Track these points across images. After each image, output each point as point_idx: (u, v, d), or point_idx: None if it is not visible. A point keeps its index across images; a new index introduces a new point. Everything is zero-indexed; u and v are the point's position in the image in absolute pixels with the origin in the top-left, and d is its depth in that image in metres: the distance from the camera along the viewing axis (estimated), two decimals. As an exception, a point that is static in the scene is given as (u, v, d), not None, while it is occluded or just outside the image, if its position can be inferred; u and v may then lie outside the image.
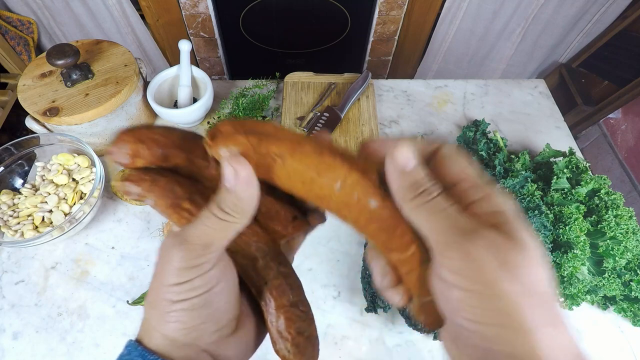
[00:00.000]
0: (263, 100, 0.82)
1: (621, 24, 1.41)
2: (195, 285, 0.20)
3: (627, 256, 0.57)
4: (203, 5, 1.42)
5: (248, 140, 0.21)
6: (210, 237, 0.21)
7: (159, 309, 0.21)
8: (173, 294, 0.21)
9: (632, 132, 1.38)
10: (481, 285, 0.17)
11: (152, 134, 0.22)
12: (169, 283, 0.21)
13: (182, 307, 0.21)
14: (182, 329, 0.21)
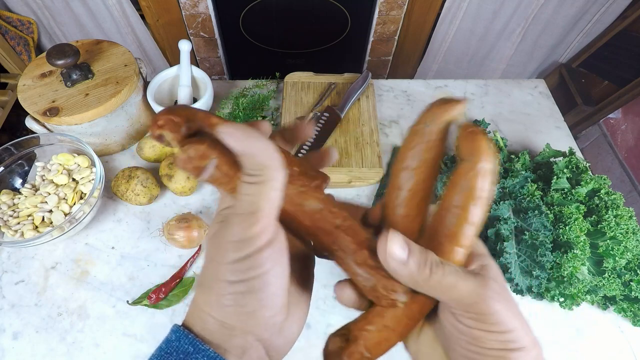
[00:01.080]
0: (263, 100, 0.82)
1: (621, 24, 1.41)
2: (252, 264, 0.20)
3: (627, 256, 0.57)
4: (203, 5, 1.42)
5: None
6: (254, 204, 0.20)
7: (214, 292, 0.21)
8: (231, 274, 0.20)
9: (632, 132, 1.38)
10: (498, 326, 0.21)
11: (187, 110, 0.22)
12: (227, 261, 0.20)
13: (239, 289, 0.20)
14: (240, 313, 0.21)
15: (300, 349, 0.58)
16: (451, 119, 0.23)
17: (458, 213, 0.22)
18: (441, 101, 0.23)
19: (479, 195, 0.22)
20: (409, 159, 0.24)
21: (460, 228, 0.22)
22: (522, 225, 0.60)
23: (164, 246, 0.67)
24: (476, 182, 0.21)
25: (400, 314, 0.23)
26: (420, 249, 0.22)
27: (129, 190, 0.66)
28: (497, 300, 0.21)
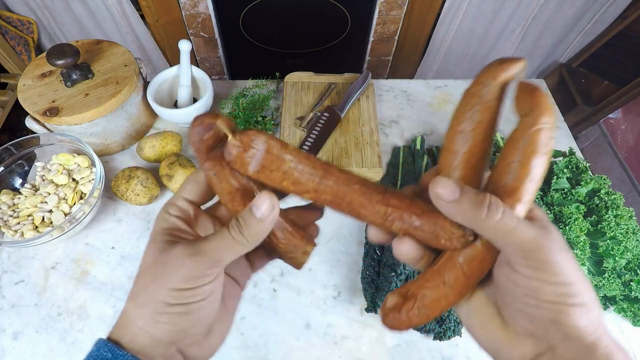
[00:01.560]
0: (263, 100, 0.82)
1: (621, 24, 1.41)
2: (195, 293, 0.22)
3: (627, 256, 0.57)
4: (203, 5, 1.42)
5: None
6: (222, 254, 0.23)
7: (150, 309, 0.22)
8: (171, 298, 0.22)
9: (632, 132, 1.38)
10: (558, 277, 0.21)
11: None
12: (172, 287, 0.22)
13: (177, 310, 0.22)
14: (171, 330, 0.22)
15: (301, 348, 0.58)
16: (510, 78, 0.23)
17: (519, 168, 0.22)
18: (500, 61, 0.23)
19: (540, 149, 0.22)
20: (465, 121, 0.24)
21: (522, 183, 0.22)
22: (522, 225, 0.60)
23: (164, 246, 0.67)
24: (539, 137, 0.22)
25: (459, 272, 0.23)
26: (476, 191, 0.22)
27: (129, 190, 0.66)
28: (559, 250, 0.21)
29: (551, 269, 0.20)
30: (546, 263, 0.20)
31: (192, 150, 0.25)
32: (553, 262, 0.20)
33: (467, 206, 0.21)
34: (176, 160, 0.69)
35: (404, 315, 0.24)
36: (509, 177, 0.22)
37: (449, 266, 0.23)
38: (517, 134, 0.22)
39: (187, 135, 0.24)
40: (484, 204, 0.21)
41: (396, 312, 0.25)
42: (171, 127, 0.82)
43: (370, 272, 0.61)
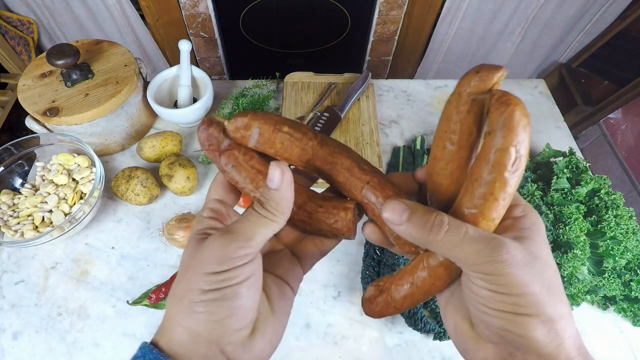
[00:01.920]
0: (263, 100, 0.82)
1: (621, 24, 1.41)
2: (230, 275, 0.22)
3: (627, 256, 0.57)
4: (203, 5, 1.42)
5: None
6: (253, 231, 0.23)
7: (186, 300, 0.22)
8: (206, 283, 0.22)
9: (632, 132, 1.38)
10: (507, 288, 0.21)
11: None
12: (207, 271, 0.22)
13: (212, 297, 0.22)
14: (209, 320, 0.22)
15: (301, 349, 0.58)
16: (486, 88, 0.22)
17: (483, 190, 0.22)
18: (477, 68, 0.22)
19: (506, 175, 0.21)
20: (442, 129, 0.24)
21: (487, 203, 0.22)
22: (522, 225, 0.60)
23: (164, 246, 0.67)
24: (504, 160, 0.20)
25: (426, 274, 0.24)
26: (424, 211, 0.23)
27: (129, 190, 0.66)
28: (509, 263, 0.21)
29: (498, 281, 0.21)
30: (493, 275, 0.21)
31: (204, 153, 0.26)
32: (500, 274, 0.21)
33: (414, 228, 0.23)
34: (176, 160, 0.69)
35: (377, 307, 0.27)
36: (475, 194, 0.22)
37: (419, 267, 0.25)
38: (484, 152, 0.21)
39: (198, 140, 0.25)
40: (427, 224, 0.22)
41: (370, 303, 0.28)
42: (171, 127, 0.82)
43: (370, 272, 0.61)
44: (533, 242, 0.22)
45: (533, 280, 0.21)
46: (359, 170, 0.26)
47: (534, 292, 0.21)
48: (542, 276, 0.21)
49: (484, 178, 0.21)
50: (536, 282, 0.21)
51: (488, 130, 0.21)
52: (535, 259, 0.22)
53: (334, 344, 0.58)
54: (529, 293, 0.21)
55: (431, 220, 0.22)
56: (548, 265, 0.22)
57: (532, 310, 0.21)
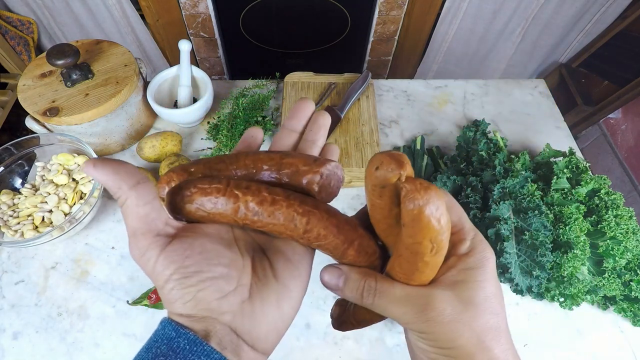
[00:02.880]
0: (263, 100, 0.82)
1: (621, 24, 1.41)
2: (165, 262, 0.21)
3: (627, 256, 0.57)
4: (203, 5, 1.42)
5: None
6: (131, 227, 0.22)
7: (163, 298, 0.22)
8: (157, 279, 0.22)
9: (632, 132, 1.38)
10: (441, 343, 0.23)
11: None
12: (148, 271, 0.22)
13: (171, 285, 0.21)
14: (187, 302, 0.21)
15: (301, 348, 0.58)
16: (390, 183, 0.20)
17: (408, 267, 0.23)
18: (376, 162, 0.21)
19: (427, 259, 0.22)
20: (368, 193, 0.23)
21: (413, 275, 0.23)
22: (522, 225, 0.60)
23: (164, 246, 0.67)
24: (422, 250, 0.21)
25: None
26: (357, 277, 0.25)
27: (129, 190, 0.66)
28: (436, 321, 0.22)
29: (430, 337, 0.23)
30: (423, 332, 0.23)
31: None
32: (430, 332, 0.22)
33: (349, 293, 0.25)
34: (176, 160, 0.69)
35: (341, 325, 0.30)
36: (403, 266, 0.23)
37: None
38: (403, 238, 0.21)
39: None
40: (358, 291, 0.25)
41: (335, 320, 0.30)
42: (171, 127, 0.82)
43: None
44: (468, 287, 0.23)
45: (462, 332, 0.22)
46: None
47: (463, 345, 0.22)
48: (472, 325, 0.22)
49: (407, 258, 0.22)
50: (466, 333, 0.22)
51: (402, 223, 0.21)
52: (466, 307, 0.22)
53: (334, 344, 0.58)
54: (459, 346, 0.22)
55: (361, 287, 0.24)
56: (482, 309, 0.23)
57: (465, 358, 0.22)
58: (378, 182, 0.21)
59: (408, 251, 0.21)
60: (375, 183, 0.21)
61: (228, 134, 0.75)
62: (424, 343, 0.23)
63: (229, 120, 0.77)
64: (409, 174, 0.21)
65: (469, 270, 0.23)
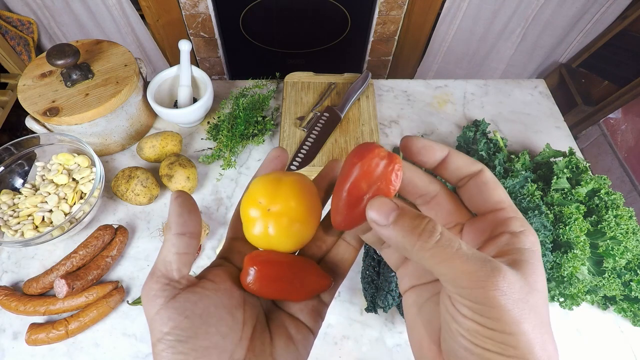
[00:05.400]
0: (263, 100, 0.82)
1: (621, 24, 1.41)
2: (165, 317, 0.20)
3: (627, 256, 0.57)
4: (203, 5, 1.42)
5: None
6: (155, 265, 0.22)
7: (154, 351, 0.21)
8: (153, 333, 0.21)
9: (632, 132, 1.38)
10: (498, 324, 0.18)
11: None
12: (148, 319, 0.21)
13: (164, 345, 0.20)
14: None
15: (300, 349, 0.58)
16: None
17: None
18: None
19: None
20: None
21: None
22: (522, 225, 0.60)
23: (164, 246, 0.67)
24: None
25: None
26: (415, 215, 0.20)
27: (129, 190, 0.66)
28: (505, 294, 0.18)
29: (489, 313, 0.18)
30: (483, 305, 0.18)
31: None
32: (493, 305, 0.18)
33: (400, 232, 0.19)
34: (176, 160, 0.69)
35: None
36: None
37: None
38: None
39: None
40: (416, 230, 0.19)
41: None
42: (171, 127, 0.82)
43: (370, 272, 0.61)
44: (532, 268, 0.19)
45: (528, 316, 0.18)
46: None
47: (527, 332, 0.18)
48: (537, 311, 0.19)
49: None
50: (531, 319, 0.18)
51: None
52: (532, 290, 0.19)
53: (334, 344, 0.58)
54: (522, 332, 0.18)
55: (422, 226, 0.19)
56: (542, 296, 0.19)
57: (521, 352, 0.18)
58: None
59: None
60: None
61: (228, 134, 0.75)
62: (475, 322, 0.18)
63: (229, 120, 0.77)
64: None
65: (527, 251, 0.20)
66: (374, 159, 0.22)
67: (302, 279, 0.24)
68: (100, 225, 0.64)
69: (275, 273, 0.24)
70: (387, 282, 0.57)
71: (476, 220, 0.23)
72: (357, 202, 0.22)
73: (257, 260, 0.24)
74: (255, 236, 0.24)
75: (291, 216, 0.24)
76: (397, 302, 0.57)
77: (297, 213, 0.24)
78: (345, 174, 0.22)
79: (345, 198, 0.22)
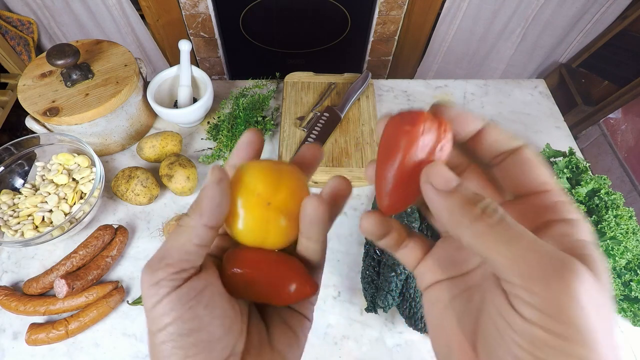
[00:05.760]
0: (263, 100, 0.82)
1: (621, 24, 1.41)
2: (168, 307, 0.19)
3: (627, 256, 0.57)
4: (203, 5, 1.42)
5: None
6: (165, 249, 0.20)
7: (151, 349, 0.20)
8: (152, 323, 0.20)
9: (632, 132, 1.38)
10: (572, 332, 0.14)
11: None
12: (146, 308, 0.20)
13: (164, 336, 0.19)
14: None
15: (300, 349, 0.58)
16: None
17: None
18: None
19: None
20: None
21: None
22: (522, 225, 0.60)
23: (164, 246, 0.67)
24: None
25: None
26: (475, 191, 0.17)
27: (129, 190, 0.66)
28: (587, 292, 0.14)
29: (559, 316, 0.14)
30: (552, 305, 0.14)
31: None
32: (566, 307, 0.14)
33: (458, 203, 0.17)
34: (176, 160, 0.69)
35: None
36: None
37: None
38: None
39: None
40: (479, 205, 0.17)
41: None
42: (171, 127, 0.82)
43: (370, 272, 0.61)
44: (600, 266, 0.16)
45: (603, 325, 0.15)
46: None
47: (599, 342, 0.14)
48: (609, 318, 0.15)
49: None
50: (604, 327, 0.15)
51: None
52: (606, 292, 0.15)
53: (334, 344, 0.58)
54: (597, 344, 0.14)
55: (484, 202, 0.16)
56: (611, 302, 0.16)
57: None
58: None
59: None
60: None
61: (228, 134, 0.75)
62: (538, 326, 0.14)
63: (229, 120, 0.77)
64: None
65: (590, 245, 0.17)
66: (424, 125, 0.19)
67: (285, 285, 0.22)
68: (100, 225, 0.64)
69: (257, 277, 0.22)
70: (387, 282, 0.57)
71: (515, 203, 0.20)
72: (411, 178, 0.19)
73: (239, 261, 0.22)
74: (241, 231, 0.22)
75: (290, 213, 0.22)
76: (397, 302, 0.57)
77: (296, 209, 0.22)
78: (391, 148, 0.19)
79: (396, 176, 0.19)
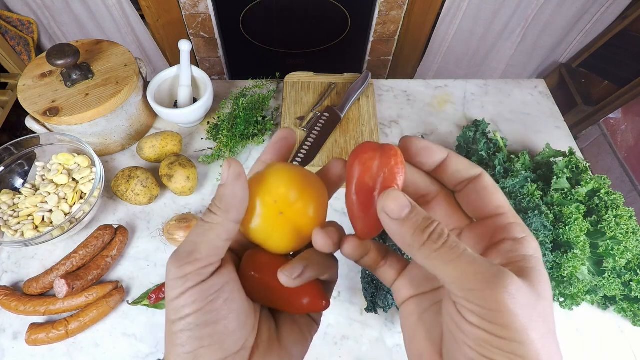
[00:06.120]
0: (263, 100, 0.82)
1: (621, 24, 1.41)
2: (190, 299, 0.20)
3: (627, 256, 0.57)
4: (203, 5, 1.42)
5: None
6: (194, 244, 0.21)
7: (167, 335, 0.21)
8: (173, 312, 0.20)
9: (632, 132, 1.38)
10: (507, 332, 0.17)
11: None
12: (169, 298, 0.20)
13: (182, 325, 0.20)
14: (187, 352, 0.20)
15: (300, 349, 0.58)
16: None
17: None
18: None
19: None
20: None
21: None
22: (522, 225, 0.60)
23: (164, 246, 0.67)
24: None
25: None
26: (427, 215, 0.20)
27: (129, 190, 0.66)
28: (514, 298, 0.17)
29: (497, 319, 0.17)
30: (491, 310, 0.17)
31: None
32: (502, 310, 0.17)
33: (410, 229, 0.19)
34: (176, 160, 0.69)
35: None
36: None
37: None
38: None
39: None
40: (427, 229, 0.19)
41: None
42: (171, 127, 0.82)
43: (370, 272, 0.61)
44: (539, 276, 0.19)
45: (536, 324, 0.17)
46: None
47: (535, 340, 0.17)
48: (545, 319, 0.18)
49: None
50: (539, 327, 0.17)
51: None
52: (540, 297, 0.18)
53: (334, 344, 0.58)
54: (530, 341, 0.17)
55: (432, 227, 0.19)
56: (550, 305, 0.19)
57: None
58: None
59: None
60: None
61: (228, 134, 0.75)
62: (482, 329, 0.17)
63: (229, 120, 0.77)
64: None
65: (532, 258, 0.20)
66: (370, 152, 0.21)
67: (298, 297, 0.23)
68: (100, 225, 0.64)
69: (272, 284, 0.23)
70: (387, 282, 0.57)
71: (475, 225, 0.23)
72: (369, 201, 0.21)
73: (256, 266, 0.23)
74: (248, 227, 0.23)
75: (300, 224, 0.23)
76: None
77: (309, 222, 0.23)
78: (349, 178, 0.22)
79: (356, 201, 0.21)
